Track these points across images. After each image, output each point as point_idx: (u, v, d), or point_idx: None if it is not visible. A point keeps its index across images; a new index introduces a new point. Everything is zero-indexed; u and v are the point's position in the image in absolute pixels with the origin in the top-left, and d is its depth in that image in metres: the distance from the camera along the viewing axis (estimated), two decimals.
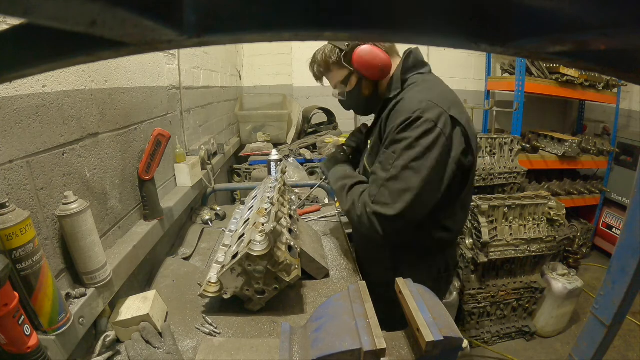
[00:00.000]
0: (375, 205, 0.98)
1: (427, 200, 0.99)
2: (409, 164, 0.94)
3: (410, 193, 0.94)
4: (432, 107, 0.95)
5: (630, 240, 1.00)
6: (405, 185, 0.95)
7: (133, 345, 0.80)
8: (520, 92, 2.89)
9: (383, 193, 0.97)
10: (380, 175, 0.98)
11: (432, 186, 0.97)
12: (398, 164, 0.95)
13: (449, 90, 1.09)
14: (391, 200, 0.96)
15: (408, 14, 0.18)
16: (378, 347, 0.57)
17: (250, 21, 0.18)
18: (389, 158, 0.98)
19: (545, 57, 0.20)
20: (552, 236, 2.25)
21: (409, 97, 1.02)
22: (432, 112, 0.94)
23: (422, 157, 0.93)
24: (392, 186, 0.96)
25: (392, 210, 0.95)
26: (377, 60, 1.05)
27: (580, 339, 1.14)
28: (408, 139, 0.94)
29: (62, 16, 0.15)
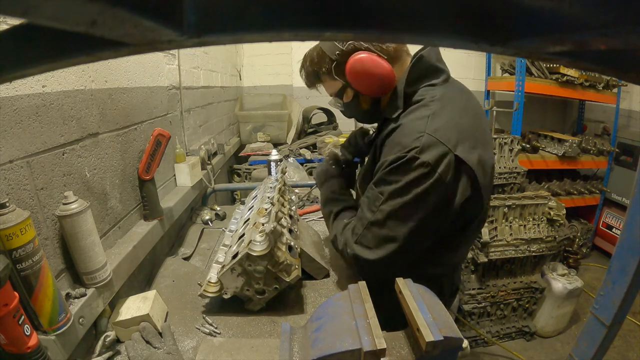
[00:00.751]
0: (357, 245, 0.89)
1: (413, 249, 0.87)
2: (397, 212, 0.82)
3: (394, 243, 0.84)
4: (433, 145, 0.77)
5: (630, 240, 1.00)
6: (389, 233, 0.84)
7: (133, 345, 0.80)
8: (520, 92, 2.89)
9: (366, 235, 0.87)
10: (366, 215, 0.87)
11: (421, 236, 0.85)
12: (384, 208, 0.83)
13: (465, 110, 0.87)
14: (373, 244, 0.86)
15: (408, 14, 0.18)
16: (378, 347, 0.57)
17: (250, 21, 0.18)
18: (375, 198, 0.85)
19: (545, 57, 0.20)
20: (552, 236, 2.25)
21: (407, 125, 0.84)
22: (432, 151, 0.77)
23: (412, 206, 0.80)
24: (375, 231, 0.86)
25: (372, 255, 0.86)
26: (377, 73, 0.86)
27: (580, 339, 1.14)
28: (398, 182, 0.80)
29: (62, 16, 0.15)
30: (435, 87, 0.88)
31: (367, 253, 0.88)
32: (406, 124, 0.85)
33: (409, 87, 0.89)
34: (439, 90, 0.87)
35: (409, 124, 0.84)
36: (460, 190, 0.82)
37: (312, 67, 0.98)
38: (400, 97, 0.89)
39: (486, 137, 0.91)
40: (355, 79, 0.88)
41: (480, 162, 0.83)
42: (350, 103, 0.98)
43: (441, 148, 0.78)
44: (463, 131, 0.82)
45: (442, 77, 0.90)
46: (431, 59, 0.89)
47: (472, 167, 0.80)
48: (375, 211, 0.85)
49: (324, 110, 3.23)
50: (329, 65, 0.92)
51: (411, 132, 0.81)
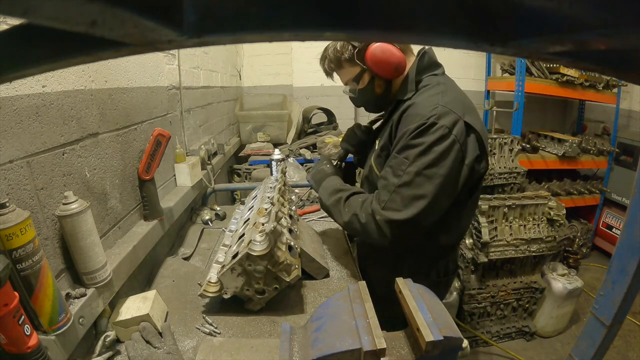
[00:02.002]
0: (386, 211, 0.96)
1: (439, 207, 0.97)
2: (423, 171, 0.92)
3: (424, 200, 0.93)
4: (447, 113, 0.92)
5: (630, 240, 1.00)
6: (418, 191, 0.93)
7: (133, 345, 0.80)
8: (520, 92, 2.89)
9: (394, 199, 0.95)
10: (392, 181, 0.96)
11: (446, 193, 0.95)
12: (411, 170, 0.93)
13: (463, 95, 1.06)
14: (403, 206, 0.94)
15: (408, 14, 0.18)
16: (378, 347, 0.57)
17: (250, 21, 0.18)
18: (400, 164, 0.95)
19: (545, 57, 0.20)
20: (552, 236, 2.25)
21: (422, 101, 0.99)
22: (447, 118, 0.92)
23: (437, 164, 0.92)
24: (404, 192, 0.94)
25: (403, 215, 0.94)
26: (393, 58, 1.02)
27: (580, 339, 1.14)
28: (422, 145, 0.92)
29: (62, 16, 0.15)
30: (437, 76, 1.07)
31: (398, 214, 0.95)
32: (421, 100, 1.00)
33: (417, 75, 1.06)
34: (440, 79, 1.06)
35: (424, 100, 0.99)
36: (471, 149, 0.96)
37: (334, 54, 1.10)
38: (413, 81, 1.06)
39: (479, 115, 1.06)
40: (375, 62, 1.03)
41: (482, 128, 1.00)
42: (365, 88, 1.12)
43: (454, 115, 0.93)
44: (466, 106, 0.99)
45: (441, 70, 1.10)
46: (432, 55, 1.08)
47: (478, 130, 0.96)
48: (401, 175, 0.95)
49: (324, 110, 3.23)
50: (351, 52, 1.06)
51: (428, 105, 0.96)
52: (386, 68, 1.03)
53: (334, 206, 1.12)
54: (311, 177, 1.28)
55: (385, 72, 1.04)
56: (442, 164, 0.92)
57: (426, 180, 0.93)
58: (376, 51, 1.01)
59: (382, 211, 0.96)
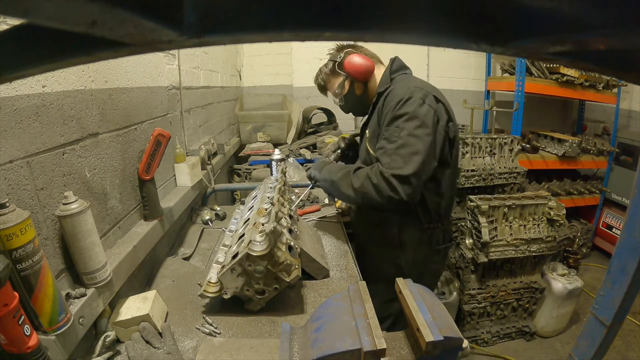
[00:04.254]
0: (392, 169, 1.13)
1: (430, 161, 1.18)
2: (413, 132, 1.14)
3: (419, 155, 1.13)
4: (418, 90, 1.20)
5: (630, 240, 1.00)
6: (413, 149, 1.13)
7: (133, 345, 0.80)
8: (520, 92, 2.89)
9: (395, 159, 1.14)
10: (389, 147, 1.16)
11: (432, 149, 1.18)
12: (403, 134, 1.15)
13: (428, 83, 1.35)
14: (403, 163, 1.13)
15: (408, 14, 0.18)
16: (378, 347, 0.57)
17: (250, 21, 0.18)
18: (393, 132, 1.17)
19: (545, 57, 0.20)
20: (552, 236, 2.25)
21: (398, 87, 1.26)
22: (419, 92, 1.19)
23: (421, 126, 1.15)
24: (402, 152, 1.14)
25: (407, 170, 1.12)
26: (362, 63, 1.34)
27: (580, 339, 1.13)
28: (407, 113, 1.16)
29: (62, 16, 0.15)
30: (407, 74, 1.38)
31: (402, 170, 1.13)
32: (396, 87, 1.27)
33: (391, 74, 1.35)
34: (409, 76, 1.37)
35: (398, 87, 1.27)
36: (441, 115, 1.21)
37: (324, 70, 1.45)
38: (387, 78, 1.35)
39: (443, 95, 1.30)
40: (351, 68, 1.34)
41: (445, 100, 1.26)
42: (348, 93, 1.42)
43: (424, 91, 1.20)
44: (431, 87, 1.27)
45: (409, 71, 1.40)
46: (400, 61, 1.39)
47: (443, 102, 1.24)
48: (396, 140, 1.16)
49: (324, 110, 3.23)
50: (332, 65, 1.40)
51: (402, 88, 1.23)
52: (359, 71, 1.34)
53: (343, 178, 1.26)
54: (313, 168, 1.45)
55: (359, 74, 1.35)
56: (425, 124, 1.15)
57: (417, 139, 1.14)
58: (350, 60, 1.34)
59: (388, 170, 1.14)
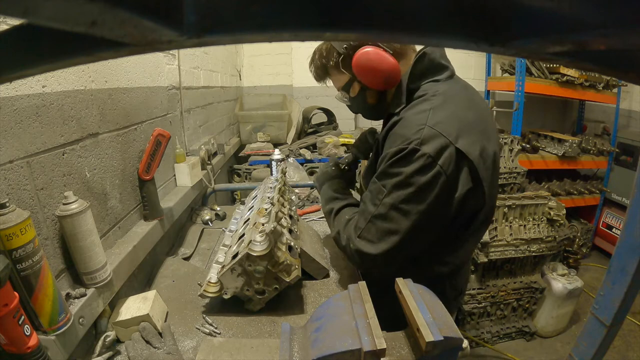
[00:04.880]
0: (360, 240, 0.90)
1: (416, 243, 0.88)
2: (399, 205, 0.83)
3: (397, 236, 0.85)
4: (434, 137, 0.79)
5: (630, 240, 1.00)
6: (392, 226, 0.85)
7: (133, 345, 0.80)
8: (520, 92, 2.89)
9: (369, 229, 0.88)
10: (369, 209, 0.88)
11: (424, 229, 0.86)
12: (387, 201, 0.84)
13: (467, 104, 0.88)
14: (376, 238, 0.87)
15: (407, 14, 0.18)
16: (378, 347, 0.57)
17: (250, 21, 0.18)
18: (378, 192, 0.86)
19: (545, 57, 0.20)
20: (552, 236, 2.25)
21: (409, 118, 0.85)
22: (433, 143, 0.78)
23: (415, 199, 0.81)
24: (378, 224, 0.87)
25: (375, 249, 0.87)
26: (382, 68, 0.87)
27: (580, 339, 1.13)
28: (400, 174, 0.81)
29: (62, 16, 0.15)
30: (438, 82, 0.90)
31: (369, 247, 0.88)
32: (407, 117, 0.86)
33: (412, 82, 0.90)
34: (442, 86, 0.89)
35: (410, 117, 0.85)
36: (462, 182, 0.82)
37: (320, 61, 0.99)
38: (404, 92, 0.91)
39: (490, 131, 0.90)
40: (361, 72, 0.90)
41: (482, 155, 0.84)
42: (356, 97, 1.00)
43: (442, 140, 0.79)
44: (465, 124, 0.82)
45: (446, 74, 0.92)
46: (435, 55, 0.91)
47: (473, 160, 0.81)
48: (378, 204, 0.86)
49: (324, 110, 3.23)
50: (336, 59, 0.94)
51: (412, 125, 0.82)
52: (374, 79, 0.90)
53: (327, 216, 1.09)
54: (316, 178, 1.24)
55: (374, 83, 0.91)
56: (421, 198, 0.81)
57: (401, 216, 0.83)
58: (362, 60, 0.87)
59: (357, 240, 0.90)
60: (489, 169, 0.87)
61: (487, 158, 0.86)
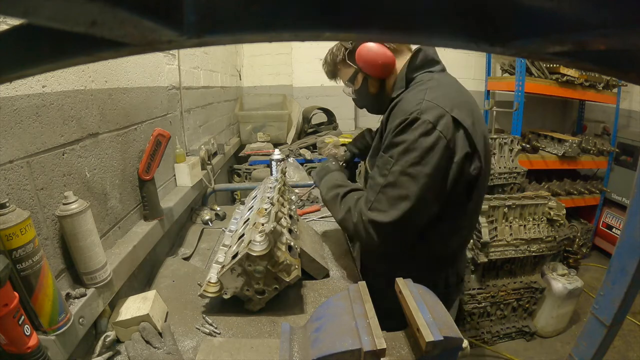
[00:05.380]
0: (372, 212, 0.94)
1: (426, 209, 0.94)
2: (407, 170, 0.89)
3: (408, 201, 0.89)
4: (432, 108, 0.88)
5: (630, 240, 1.00)
6: (402, 192, 0.90)
7: (133, 345, 0.80)
8: (520, 92, 2.89)
9: (380, 199, 0.93)
10: (378, 181, 0.94)
11: (432, 194, 0.91)
12: (395, 169, 0.90)
13: (458, 90, 1.01)
14: (388, 207, 0.91)
15: (408, 14, 0.18)
16: (378, 347, 0.57)
17: (250, 21, 0.18)
18: (386, 163, 0.93)
19: (545, 57, 0.20)
20: (552, 236, 2.25)
21: (408, 97, 0.96)
22: (431, 112, 0.88)
23: (420, 162, 0.88)
24: (389, 192, 0.91)
25: (387, 217, 0.91)
26: (379, 57, 1.02)
27: (580, 339, 1.13)
28: (405, 142, 0.89)
29: (62, 16, 0.15)
30: (432, 73, 1.03)
31: (382, 216, 0.92)
32: (407, 97, 0.98)
33: (410, 73, 1.02)
34: (435, 75, 1.02)
35: (409, 96, 0.96)
36: (459, 146, 0.90)
37: (331, 58, 1.14)
38: (403, 79, 1.03)
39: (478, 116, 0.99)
40: (364, 62, 1.04)
41: (474, 125, 0.93)
42: (360, 88, 1.12)
43: (439, 110, 0.89)
44: (456, 102, 0.93)
45: (438, 67, 1.05)
46: (429, 52, 1.04)
47: (467, 127, 0.90)
48: (387, 174, 0.92)
49: (324, 110, 3.23)
50: (344, 54, 1.08)
51: (412, 101, 0.93)
52: (373, 66, 1.03)
53: (332, 201, 1.12)
54: (315, 173, 1.29)
55: (374, 70, 1.05)
56: (426, 161, 0.87)
57: (410, 179, 0.89)
58: (363, 51, 1.02)
59: (369, 212, 0.94)
60: (480, 140, 0.95)
61: (478, 130, 0.95)
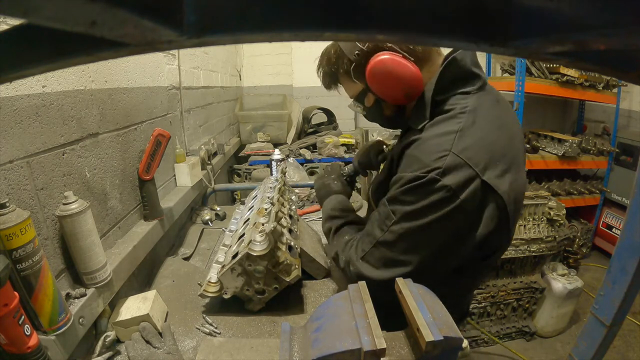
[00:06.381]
0: (362, 263, 0.81)
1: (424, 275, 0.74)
2: (408, 236, 0.73)
3: (403, 267, 0.76)
4: (458, 167, 0.67)
5: (630, 240, 1.00)
6: (398, 257, 0.76)
7: (133, 345, 0.80)
8: (520, 92, 2.89)
9: (373, 253, 0.79)
10: (375, 233, 0.79)
11: (435, 264, 0.77)
12: (395, 229, 0.74)
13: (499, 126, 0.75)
14: (380, 264, 0.79)
15: (408, 14, 0.18)
16: (378, 347, 0.57)
17: (250, 21, 0.18)
18: (387, 217, 0.76)
19: (545, 57, 0.20)
20: (552, 236, 2.25)
21: (431, 140, 0.72)
22: (457, 174, 0.67)
23: (427, 232, 0.72)
24: (384, 252, 0.78)
25: (377, 275, 0.79)
26: (401, 79, 0.74)
27: (580, 339, 1.14)
28: (413, 204, 0.71)
29: (62, 16, 0.15)
30: (468, 95, 0.76)
31: (371, 272, 0.80)
32: (430, 138, 0.73)
33: (438, 94, 0.76)
34: (472, 101, 0.75)
35: (433, 139, 0.73)
36: (486, 220, 0.72)
37: (329, 67, 0.87)
38: (428, 105, 0.77)
39: (519, 158, 0.79)
40: (377, 84, 0.77)
41: (511, 188, 0.72)
42: (372, 108, 0.88)
43: (467, 171, 0.68)
44: (495, 152, 0.71)
45: (478, 85, 0.77)
46: (466, 62, 0.76)
47: (502, 195, 0.70)
48: (385, 230, 0.77)
49: (324, 110, 3.23)
50: (347, 67, 0.81)
51: (434, 149, 0.70)
52: (392, 93, 0.78)
53: (326, 234, 1.02)
54: (317, 189, 1.16)
55: (392, 97, 0.80)
56: (435, 234, 0.72)
57: (410, 248, 0.74)
58: (377, 69, 0.74)
59: (358, 262, 0.82)
60: (517, 203, 0.76)
61: (516, 192, 0.74)
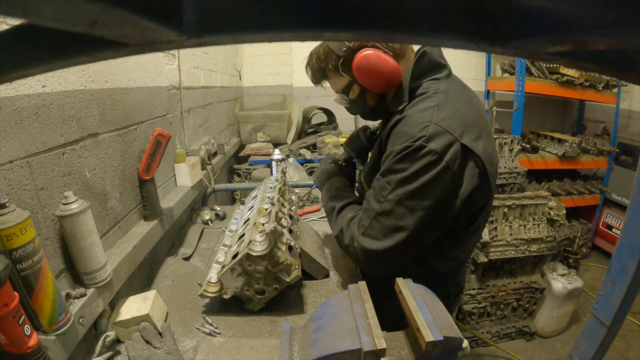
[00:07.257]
0: (365, 238, 0.89)
1: (422, 240, 0.88)
2: (404, 201, 0.83)
3: (403, 232, 0.84)
4: (440, 134, 0.79)
5: (630, 240, 1.00)
6: (397, 222, 0.84)
7: (133, 345, 0.80)
8: (520, 92, 2.89)
9: (374, 226, 0.87)
10: (373, 206, 0.88)
11: (430, 226, 0.86)
12: (391, 197, 0.84)
13: (467, 101, 0.90)
14: (381, 235, 0.86)
15: (408, 14, 0.18)
16: (378, 347, 0.57)
17: (250, 21, 0.18)
18: (382, 188, 0.86)
19: (545, 57, 0.20)
20: (552, 236, 2.25)
21: (413, 116, 0.86)
22: (439, 140, 0.79)
23: (421, 194, 0.81)
24: (383, 221, 0.86)
25: (380, 245, 0.86)
26: (384, 71, 0.88)
27: (580, 339, 1.14)
28: (405, 170, 0.81)
29: (62, 16, 0.15)
30: (438, 81, 0.91)
31: (374, 244, 0.87)
32: (412, 114, 0.86)
33: (413, 81, 0.91)
34: (442, 84, 0.90)
35: (415, 114, 0.86)
36: (468, 178, 0.83)
37: (318, 64, 0.99)
38: (406, 91, 0.91)
39: (488, 130, 0.93)
40: (362, 76, 0.90)
41: (485, 150, 0.85)
42: (356, 100, 1.00)
43: (448, 137, 0.79)
44: (468, 121, 0.84)
45: (445, 72, 0.93)
46: (434, 55, 0.92)
47: (479, 154, 0.82)
48: (382, 201, 0.86)
49: (324, 110, 3.23)
50: (335, 62, 0.93)
51: (417, 122, 0.83)
52: (376, 82, 0.90)
53: (329, 214, 1.09)
54: (316, 177, 1.23)
55: (376, 86, 0.92)
56: (427, 194, 0.81)
57: (407, 211, 0.83)
58: (363, 63, 0.87)
59: (360, 237, 0.90)
60: (492, 165, 0.88)
61: (490, 153, 0.87)
